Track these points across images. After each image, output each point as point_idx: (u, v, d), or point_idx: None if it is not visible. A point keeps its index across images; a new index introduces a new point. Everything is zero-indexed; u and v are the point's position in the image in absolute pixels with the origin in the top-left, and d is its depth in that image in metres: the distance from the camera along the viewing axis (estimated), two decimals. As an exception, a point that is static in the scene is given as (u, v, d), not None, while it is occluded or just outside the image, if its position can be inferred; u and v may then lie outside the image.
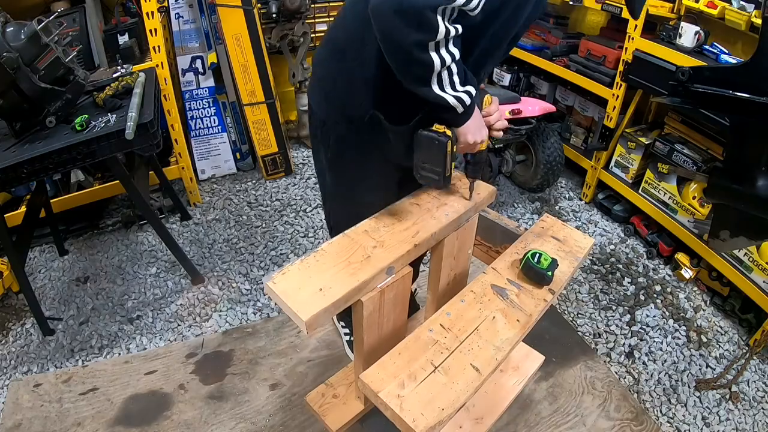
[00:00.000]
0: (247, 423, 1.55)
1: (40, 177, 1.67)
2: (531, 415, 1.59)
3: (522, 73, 3.14)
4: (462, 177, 1.31)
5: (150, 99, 1.77)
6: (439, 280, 1.37)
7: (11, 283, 2.03)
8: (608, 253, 2.37)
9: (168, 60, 2.26)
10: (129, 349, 1.83)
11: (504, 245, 1.37)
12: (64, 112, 1.64)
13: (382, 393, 0.94)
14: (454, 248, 1.33)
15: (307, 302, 0.98)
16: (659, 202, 2.34)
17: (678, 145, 2.21)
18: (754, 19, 1.81)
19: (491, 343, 1.04)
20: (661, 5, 2.18)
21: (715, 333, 1.99)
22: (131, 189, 1.80)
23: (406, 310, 1.28)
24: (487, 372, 0.99)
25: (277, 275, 1.04)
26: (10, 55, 1.43)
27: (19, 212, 2.13)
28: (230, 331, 1.87)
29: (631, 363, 1.84)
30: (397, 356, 1.01)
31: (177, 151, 2.46)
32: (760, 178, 1.24)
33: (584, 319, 2.02)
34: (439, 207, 1.27)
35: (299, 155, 3.08)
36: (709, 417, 1.67)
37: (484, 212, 1.43)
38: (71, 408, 1.59)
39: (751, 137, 1.24)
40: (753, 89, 1.16)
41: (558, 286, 1.18)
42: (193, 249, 2.30)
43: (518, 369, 1.61)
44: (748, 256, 1.95)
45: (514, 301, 1.14)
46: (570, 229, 1.38)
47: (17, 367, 1.77)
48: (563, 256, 1.27)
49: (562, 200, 2.78)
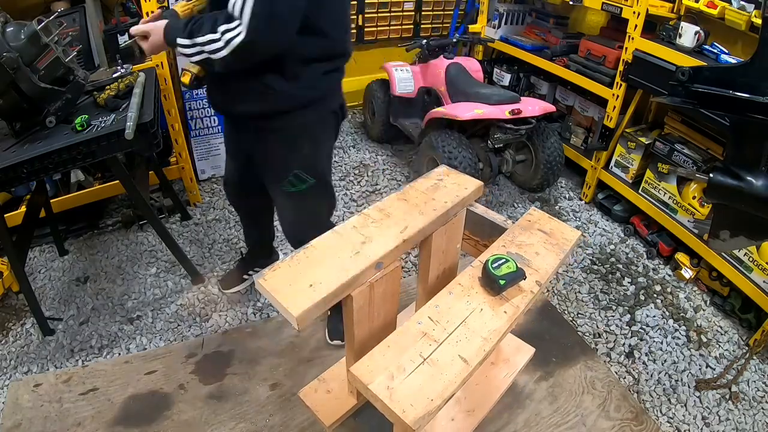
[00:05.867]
0: (247, 423, 1.55)
1: (40, 177, 1.66)
2: (531, 415, 1.59)
3: (522, 73, 3.14)
4: None
5: (150, 99, 1.77)
6: (428, 274, 1.38)
7: (11, 283, 2.03)
8: (608, 253, 2.37)
9: (168, 60, 2.26)
10: (129, 349, 1.83)
11: (492, 239, 1.39)
12: (64, 112, 1.64)
13: (372, 385, 0.95)
14: (443, 243, 1.35)
15: (297, 298, 0.99)
16: (659, 202, 2.34)
17: (678, 145, 2.21)
18: (754, 19, 1.81)
19: (479, 334, 1.05)
20: (661, 5, 2.19)
21: (715, 333, 2.00)
22: (131, 189, 1.80)
23: (396, 305, 1.29)
24: (475, 363, 1.00)
25: (268, 272, 1.05)
26: (10, 55, 1.43)
27: (19, 212, 2.12)
28: (230, 331, 1.87)
29: (631, 363, 1.84)
30: (387, 349, 1.02)
31: (177, 151, 2.46)
32: (760, 178, 1.24)
33: (584, 319, 2.02)
34: (427, 202, 1.28)
35: (299, 155, 3.08)
36: (709, 417, 1.67)
37: (472, 207, 1.45)
38: (71, 408, 1.59)
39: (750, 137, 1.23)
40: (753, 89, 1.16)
41: (544, 278, 1.19)
42: (193, 249, 2.30)
43: (509, 361, 1.62)
44: (748, 256, 1.95)
45: (502, 293, 1.14)
46: (557, 222, 1.39)
47: (17, 367, 1.77)
48: (549, 248, 1.28)
49: (562, 200, 2.78)
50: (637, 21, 2.17)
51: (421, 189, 1.34)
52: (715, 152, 2.14)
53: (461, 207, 1.34)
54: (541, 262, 1.24)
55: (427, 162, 2.57)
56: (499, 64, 3.24)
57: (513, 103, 2.35)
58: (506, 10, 3.09)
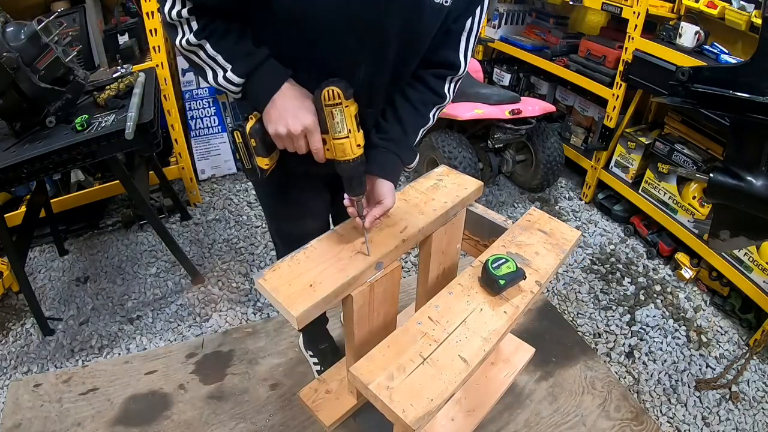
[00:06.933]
0: (247, 423, 1.55)
1: (40, 177, 1.66)
2: (531, 415, 1.59)
3: (522, 73, 3.14)
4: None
5: (150, 99, 1.77)
6: (428, 274, 1.39)
7: (11, 283, 2.03)
8: (608, 253, 2.37)
9: (168, 60, 2.26)
10: (129, 349, 1.83)
11: (492, 239, 1.39)
12: (64, 112, 1.64)
13: (372, 385, 0.95)
14: (443, 243, 1.35)
15: (297, 298, 0.99)
16: (659, 202, 2.34)
17: (678, 145, 2.21)
18: (754, 19, 1.81)
19: (479, 334, 1.05)
20: (661, 5, 2.19)
21: (715, 333, 2.00)
22: (131, 189, 1.80)
23: (396, 305, 1.29)
24: (475, 363, 1.00)
25: (268, 272, 1.05)
26: (10, 55, 1.43)
27: (19, 212, 2.13)
28: (230, 331, 1.87)
29: (631, 363, 1.84)
30: (387, 349, 1.02)
31: (177, 151, 2.46)
32: (760, 178, 1.24)
33: (584, 319, 2.02)
34: (427, 202, 1.28)
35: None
36: (709, 417, 1.67)
37: (472, 206, 1.45)
38: (71, 408, 1.59)
39: (750, 137, 1.24)
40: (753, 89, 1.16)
41: (544, 278, 1.19)
42: (193, 249, 2.30)
43: (509, 361, 1.63)
44: (748, 256, 1.95)
45: (501, 293, 1.14)
46: (556, 222, 1.38)
47: (17, 367, 1.77)
48: (549, 248, 1.28)
49: (562, 200, 2.78)
50: (637, 21, 2.17)
51: (421, 189, 1.34)
52: (715, 152, 2.14)
53: (461, 207, 1.35)
54: (541, 262, 1.24)
55: (427, 162, 2.57)
56: (499, 64, 3.24)
57: (513, 103, 2.35)
58: (506, 10, 3.10)
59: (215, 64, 0.90)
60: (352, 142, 0.95)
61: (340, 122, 0.93)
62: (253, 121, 0.96)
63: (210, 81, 0.92)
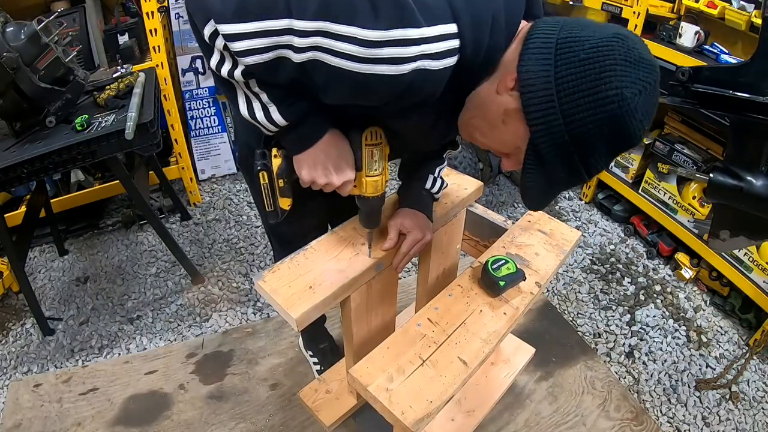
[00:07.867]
0: (247, 423, 1.55)
1: (40, 177, 1.66)
2: (531, 415, 1.59)
3: (522, 73, 3.13)
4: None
5: (150, 99, 1.77)
6: (428, 274, 1.38)
7: (11, 283, 2.03)
8: (608, 253, 2.37)
9: (168, 60, 2.26)
10: (129, 349, 1.83)
11: (492, 239, 1.38)
12: (64, 112, 1.64)
13: (371, 387, 0.95)
14: (443, 243, 1.34)
15: (297, 300, 0.99)
16: (659, 202, 2.34)
17: (678, 145, 2.21)
18: (754, 19, 1.81)
19: (478, 336, 1.05)
20: (661, 5, 2.18)
21: (715, 333, 1.99)
22: (131, 189, 1.80)
23: (394, 306, 1.29)
24: (475, 364, 1.00)
25: (267, 273, 1.05)
26: (10, 55, 1.43)
27: (19, 212, 2.12)
28: (230, 331, 1.87)
29: (631, 363, 1.84)
30: (386, 350, 1.02)
31: (177, 151, 2.46)
32: (760, 178, 1.24)
33: (584, 319, 2.02)
34: None
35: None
36: (709, 417, 1.67)
37: (472, 207, 1.45)
38: (71, 408, 1.59)
39: (751, 137, 1.23)
40: (753, 89, 1.16)
41: (544, 279, 1.19)
42: (193, 249, 2.30)
43: (509, 362, 1.63)
44: (748, 256, 1.95)
45: (501, 295, 1.14)
46: (556, 222, 1.38)
47: (17, 367, 1.77)
48: (549, 249, 1.28)
49: (561, 200, 2.78)
50: (637, 21, 2.17)
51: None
52: (715, 152, 2.14)
53: (461, 207, 1.34)
54: (541, 262, 1.23)
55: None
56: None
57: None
58: (506, 10, 3.09)
59: (256, 99, 0.83)
60: (383, 179, 0.98)
61: (378, 161, 0.94)
62: (279, 159, 0.92)
63: (243, 112, 0.84)
